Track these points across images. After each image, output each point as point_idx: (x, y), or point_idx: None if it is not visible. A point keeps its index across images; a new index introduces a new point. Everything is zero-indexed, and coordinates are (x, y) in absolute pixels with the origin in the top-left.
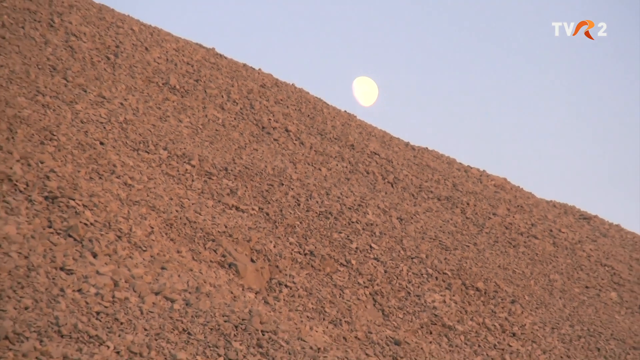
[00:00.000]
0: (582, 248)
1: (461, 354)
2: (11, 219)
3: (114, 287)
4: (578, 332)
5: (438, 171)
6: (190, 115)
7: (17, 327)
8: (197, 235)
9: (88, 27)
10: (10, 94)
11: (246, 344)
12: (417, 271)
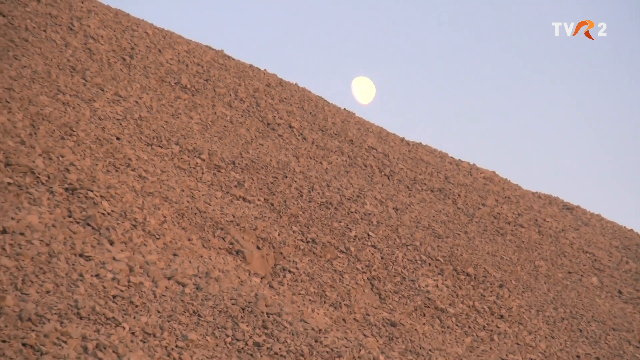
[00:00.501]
0: (565, 236)
1: (452, 334)
2: (34, 209)
3: (129, 272)
4: (561, 314)
5: (431, 165)
6: (200, 113)
7: (39, 310)
8: (206, 224)
9: (105, 31)
10: (33, 93)
11: (252, 325)
12: (412, 258)
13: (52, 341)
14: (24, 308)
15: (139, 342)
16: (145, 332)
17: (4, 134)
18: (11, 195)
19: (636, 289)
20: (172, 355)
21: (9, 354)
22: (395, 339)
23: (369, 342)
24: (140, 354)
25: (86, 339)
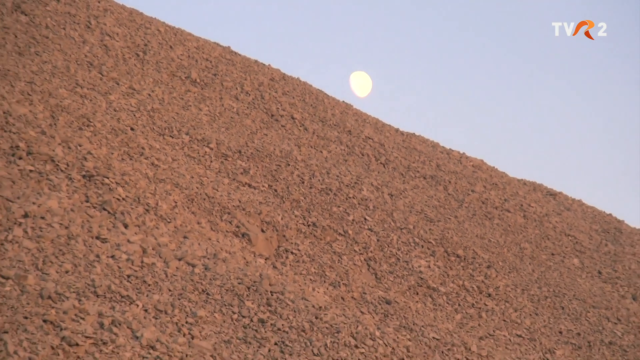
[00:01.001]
0: (549, 220)
1: (443, 312)
2: (53, 194)
3: (142, 253)
4: (545, 293)
5: (424, 153)
6: (208, 105)
7: (58, 288)
8: (214, 209)
9: (120, 28)
10: (53, 86)
11: (257, 302)
12: (406, 240)
13: (70, 317)
14: (44, 287)
15: (151, 318)
16: (157, 309)
17: (25, 124)
18: (32, 181)
19: (614, 269)
20: (182, 331)
21: (31, 329)
22: (390, 315)
23: (365, 319)
24: (153, 329)
25: (102, 316)
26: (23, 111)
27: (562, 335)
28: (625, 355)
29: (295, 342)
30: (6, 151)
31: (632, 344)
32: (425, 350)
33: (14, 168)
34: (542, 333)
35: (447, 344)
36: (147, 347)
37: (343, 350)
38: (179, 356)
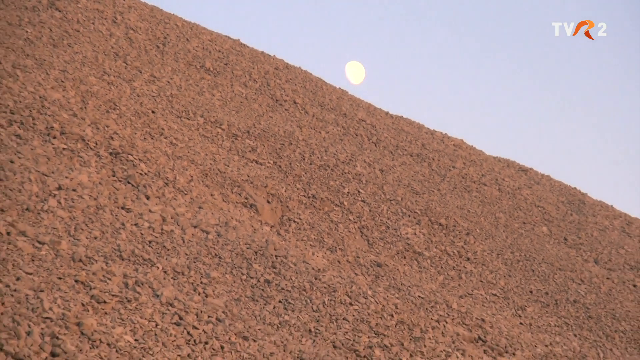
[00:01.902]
0: (521, 193)
1: (428, 273)
2: (84, 169)
3: (162, 222)
4: (517, 257)
5: (410, 134)
6: (220, 91)
7: (88, 252)
8: (226, 183)
9: (143, 23)
10: (83, 74)
11: (263, 265)
12: (394, 210)
13: (99, 278)
14: (75, 251)
15: (170, 279)
16: (175, 271)
17: (59, 108)
18: (65, 158)
19: (578, 236)
20: (197, 290)
21: (64, 288)
22: (381, 277)
23: (359, 280)
24: (171, 289)
25: (127, 277)
26: (57, 96)
27: (532, 294)
28: (588, 312)
29: (297, 300)
30: (42, 131)
31: (594, 302)
32: (412, 307)
33: (49, 146)
34: (515, 292)
35: (430, 302)
36: (166, 304)
37: (339, 307)
38: (194, 312)
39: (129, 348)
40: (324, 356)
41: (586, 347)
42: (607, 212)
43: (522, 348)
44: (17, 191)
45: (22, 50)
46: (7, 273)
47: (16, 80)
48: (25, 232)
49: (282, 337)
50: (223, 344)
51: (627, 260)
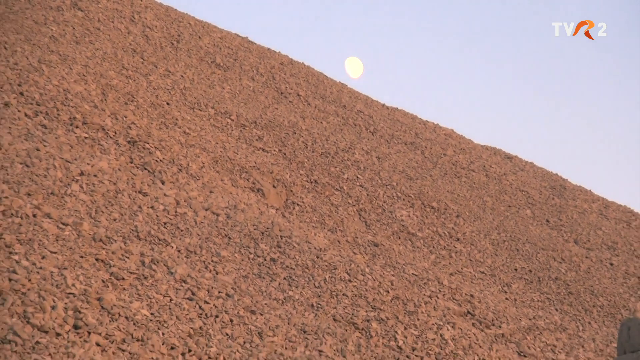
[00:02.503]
0: (506, 179)
1: (420, 252)
2: (104, 157)
3: (176, 205)
4: (503, 237)
5: (405, 124)
6: (230, 84)
7: (108, 233)
8: (235, 169)
9: (158, 22)
10: (103, 69)
11: (269, 245)
12: (390, 194)
13: (117, 256)
14: (96, 232)
15: (183, 257)
16: (188, 250)
17: (81, 100)
18: (87, 146)
19: (559, 218)
20: (208, 268)
21: (86, 266)
22: (377, 256)
23: (357, 258)
24: (185, 266)
25: (144, 255)
26: (79, 89)
27: (517, 272)
28: (568, 288)
29: (300, 277)
30: (65, 122)
31: (573, 279)
32: (406, 284)
33: (72, 135)
34: (501, 270)
35: (423, 279)
36: (180, 280)
37: (339, 283)
38: (205, 288)
39: (145, 321)
40: (325, 329)
41: (566, 320)
42: (586, 196)
43: (508, 321)
44: (42, 176)
45: (47, 46)
46: (33, 252)
47: (42, 74)
48: (50, 214)
49: (286, 311)
50: (232, 317)
51: (605, 241)
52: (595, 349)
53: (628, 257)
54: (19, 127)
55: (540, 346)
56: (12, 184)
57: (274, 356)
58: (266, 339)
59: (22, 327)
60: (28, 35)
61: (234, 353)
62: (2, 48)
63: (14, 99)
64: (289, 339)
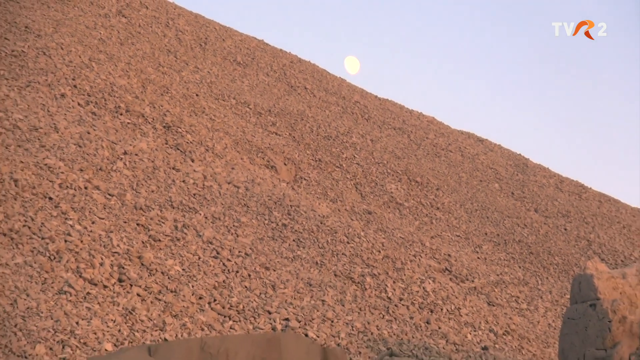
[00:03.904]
0: (478, 158)
1: (407, 219)
2: (143, 139)
3: (204, 179)
4: (475, 207)
5: (394, 112)
6: (249, 79)
7: (147, 202)
8: (252, 149)
9: (189, 27)
10: (143, 66)
11: (281, 212)
12: (382, 171)
13: (155, 222)
14: (137, 201)
15: (210, 223)
16: (214, 217)
17: (125, 91)
18: (129, 130)
19: (522, 191)
20: (230, 231)
21: (128, 230)
22: (371, 222)
23: (354, 224)
24: (211, 230)
25: (176, 221)
26: (123, 82)
27: (487, 235)
28: (529, 249)
29: (307, 239)
30: (112, 110)
31: (534, 242)
32: (395, 245)
33: (117, 121)
34: (473, 234)
35: (409, 241)
36: (207, 242)
37: (339, 245)
38: (228, 248)
39: (177, 275)
40: (327, 282)
41: (528, 275)
42: (545, 173)
43: (479, 276)
44: (92, 155)
45: (96, 47)
46: (85, 218)
47: (92, 70)
48: (99, 186)
49: (295, 267)
50: (250, 272)
51: (560, 210)
52: (552, 299)
53: (579, 224)
54: (73, 114)
55: (506, 297)
56: (67, 162)
57: (285, 305)
58: (278, 290)
59: (76, 281)
60: (81, 38)
61: (251, 302)
62: (59, 48)
63: (69, 91)
64: (297, 291)
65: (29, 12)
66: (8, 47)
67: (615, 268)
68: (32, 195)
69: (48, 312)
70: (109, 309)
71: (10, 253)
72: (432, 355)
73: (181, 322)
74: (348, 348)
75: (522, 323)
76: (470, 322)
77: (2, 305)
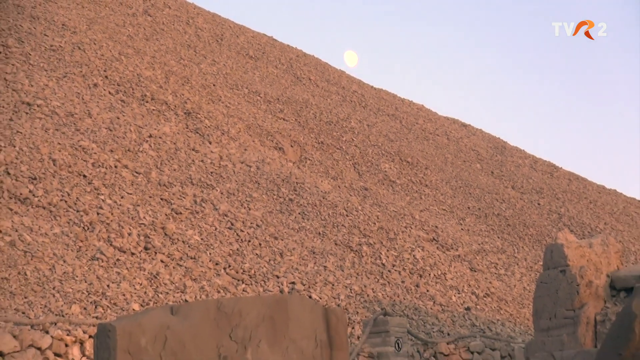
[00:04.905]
0: (462, 141)
1: (399, 195)
2: (167, 124)
3: (220, 159)
4: (459, 184)
5: (388, 101)
6: (259, 71)
7: (169, 179)
8: (262, 133)
9: (207, 25)
10: (166, 59)
11: (288, 189)
12: (377, 152)
13: (176, 197)
14: (161, 178)
15: (225, 198)
16: (229, 192)
17: (150, 82)
18: (154, 116)
19: (501, 170)
20: (243, 205)
21: (153, 204)
22: (367, 197)
23: (352, 199)
24: (226, 204)
25: (196, 196)
26: (148, 74)
27: (470, 209)
28: (507, 221)
29: (311, 212)
30: (138, 98)
31: (511, 215)
32: (388, 217)
33: (143, 108)
34: (458, 208)
35: (401, 214)
36: (222, 215)
37: (339, 217)
38: (241, 220)
39: (197, 244)
40: (329, 250)
41: (506, 245)
42: (521, 154)
43: (463, 245)
44: (121, 138)
45: (125, 42)
46: (115, 193)
47: (121, 63)
48: (127, 165)
49: (300, 237)
50: (260, 241)
51: (534, 187)
52: (527, 266)
53: (551, 199)
54: (104, 102)
55: (486, 264)
56: (99, 143)
57: (291, 270)
58: (285, 257)
59: (107, 248)
60: (111, 34)
61: (261, 268)
62: (92, 43)
63: (101, 81)
64: (302, 258)
65: (66, 11)
66: (47, 42)
67: (583, 238)
68: (69, 173)
69: (82, 276)
70: (136, 274)
71: (49, 224)
72: (420, 315)
73: (200, 285)
74: (347, 308)
75: (501, 286)
76: (454, 285)
77: (42, 270)
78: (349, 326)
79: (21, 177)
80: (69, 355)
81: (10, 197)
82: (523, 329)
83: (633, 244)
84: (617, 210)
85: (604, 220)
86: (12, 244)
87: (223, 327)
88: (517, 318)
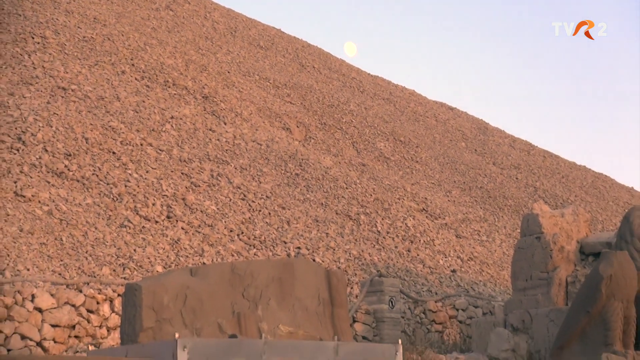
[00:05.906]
0: (449, 122)
1: (393, 170)
2: (186, 106)
3: (234, 138)
4: (447, 160)
5: (383, 87)
6: (269, 60)
7: (189, 156)
8: (272, 115)
9: (222, 19)
10: (186, 49)
11: (294, 164)
12: (373, 132)
13: (195, 171)
14: (181, 155)
15: (238, 172)
16: (242, 168)
17: (172, 69)
18: (175, 99)
19: (484, 148)
20: (255, 179)
21: (174, 177)
22: (365, 172)
23: (351, 173)
24: (240, 178)
25: (212, 171)
26: (170, 62)
27: (455, 183)
28: (489, 194)
29: (314, 185)
30: (161, 83)
31: (492, 188)
32: (383, 190)
33: (166, 92)
34: (445, 182)
35: (394, 187)
36: (236, 187)
37: (339, 189)
38: (253, 192)
39: (213, 214)
40: (330, 219)
41: (487, 214)
42: (501, 134)
43: (449, 215)
44: (146, 119)
45: (149, 34)
46: (141, 168)
47: (146, 52)
48: (151, 143)
49: (305, 207)
50: (270, 211)
51: (513, 163)
52: (506, 233)
53: (528, 174)
54: (131, 87)
55: (470, 231)
56: (127, 124)
57: (297, 237)
58: (292, 225)
59: (133, 217)
60: (137, 27)
61: (270, 234)
62: (120, 35)
63: (128, 68)
64: (307, 226)
65: (97, 6)
66: (80, 34)
67: (556, 209)
68: (100, 150)
69: (112, 242)
70: (159, 239)
71: (82, 195)
72: (412, 276)
73: (216, 249)
74: (346, 270)
75: (483, 251)
76: (442, 250)
77: (76, 236)
78: (348, 286)
79: (57, 154)
80: (100, 311)
81: (47, 171)
82: (502, 289)
83: (600, 214)
84: (586, 184)
85: (574, 193)
86: (50, 213)
87: (236, 287)
88: (497, 279)
